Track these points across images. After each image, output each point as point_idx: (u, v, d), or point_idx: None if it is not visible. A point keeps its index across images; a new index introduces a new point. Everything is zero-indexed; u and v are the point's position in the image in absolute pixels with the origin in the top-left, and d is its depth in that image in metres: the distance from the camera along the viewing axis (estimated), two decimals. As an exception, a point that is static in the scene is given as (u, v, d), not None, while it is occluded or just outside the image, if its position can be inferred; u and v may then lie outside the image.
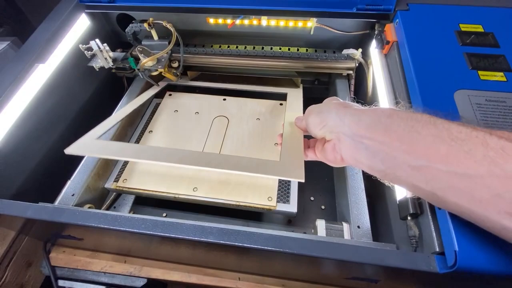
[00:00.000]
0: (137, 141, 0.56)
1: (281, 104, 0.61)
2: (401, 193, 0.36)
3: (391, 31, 0.47)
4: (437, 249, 0.29)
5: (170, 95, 0.64)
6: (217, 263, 0.50)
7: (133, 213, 0.55)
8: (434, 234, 0.30)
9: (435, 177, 0.23)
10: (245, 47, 0.62)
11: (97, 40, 0.55)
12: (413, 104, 0.38)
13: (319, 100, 0.37)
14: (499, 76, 0.38)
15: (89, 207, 0.45)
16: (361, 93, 0.61)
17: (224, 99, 0.62)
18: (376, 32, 0.50)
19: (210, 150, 0.53)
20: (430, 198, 0.27)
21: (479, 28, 0.44)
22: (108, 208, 0.55)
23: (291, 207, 0.46)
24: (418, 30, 0.44)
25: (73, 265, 0.52)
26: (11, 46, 0.61)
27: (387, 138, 0.26)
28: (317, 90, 0.69)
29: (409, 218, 0.34)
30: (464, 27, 0.44)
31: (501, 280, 0.29)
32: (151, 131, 0.57)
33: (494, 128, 0.23)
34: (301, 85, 0.62)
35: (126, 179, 0.50)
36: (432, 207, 0.31)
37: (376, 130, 0.27)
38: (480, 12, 0.46)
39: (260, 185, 0.48)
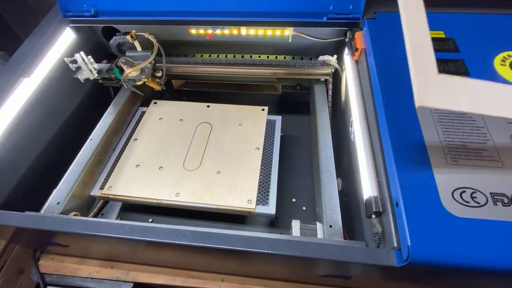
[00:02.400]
0: (122, 150, 0.57)
1: (262, 109, 0.63)
2: (367, 192, 0.38)
3: (360, 38, 0.50)
4: (395, 245, 0.31)
5: (155, 103, 0.66)
6: (201, 265, 0.52)
7: (120, 219, 0.57)
8: (393, 231, 0.32)
9: None
10: (226, 55, 0.64)
11: (82, 53, 0.57)
12: (377, 110, 0.40)
13: (302, 105, 0.39)
14: (457, 80, 0.40)
15: (74, 215, 0.47)
16: (338, 97, 0.64)
17: (208, 106, 0.64)
18: (347, 39, 0.53)
19: (193, 156, 0.55)
20: None
21: (441, 34, 0.46)
22: (95, 216, 0.57)
23: (270, 209, 0.47)
24: (383, 37, 0.46)
25: (61, 272, 0.54)
26: (-1, 61, 0.63)
27: None
28: (299, 95, 0.72)
29: (373, 216, 0.36)
30: (432, 34, 0.46)
31: (454, 273, 0.31)
32: (136, 139, 0.59)
33: None
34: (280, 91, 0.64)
35: (111, 187, 0.51)
36: (391, 205, 0.33)
37: None
38: (443, 18, 0.48)
39: (241, 188, 0.49)
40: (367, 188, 0.38)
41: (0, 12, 0.70)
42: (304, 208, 0.57)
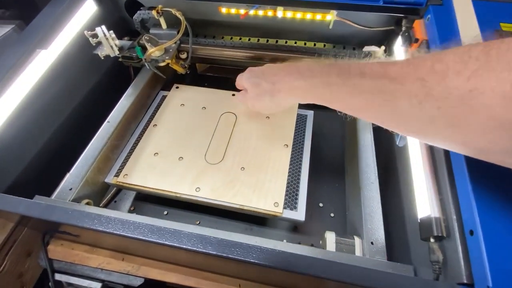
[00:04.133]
0: (141, 135, 0.53)
1: None
2: (423, 210, 0.32)
3: (420, 27, 0.43)
4: (465, 280, 0.26)
5: (177, 87, 0.61)
6: (217, 267, 0.48)
7: (134, 209, 0.54)
8: (462, 262, 0.27)
9: None
10: (258, 39, 0.58)
11: (103, 27, 0.52)
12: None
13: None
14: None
15: (86, 203, 0.43)
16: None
17: (233, 95, 0.59)
18: (403, 28, 0.46)
19: (215, 148, 0.50)
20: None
21: (523, 28, 0.39)
22: (108, 203, 0.54)
23: (299, 214, 0.42)
24: (452, 28, 0.39)
25: (70, 259, 0.51)
26: (15, 30, 0.59)
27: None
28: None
29: (432, 240, 0.31)
30: (506, 27, 0.39)
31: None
32: (156, 125, 0.54)
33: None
34: None
35: (127, 175, 0.47)
36: (462, 230, 0.28)
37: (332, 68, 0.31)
38: (524, 9, 0.41)
39: (267, 189, 0.44)
40: (425, 206, 0.32)
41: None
42: (332, 215, 0.52)
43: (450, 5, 0.41)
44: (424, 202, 0.32)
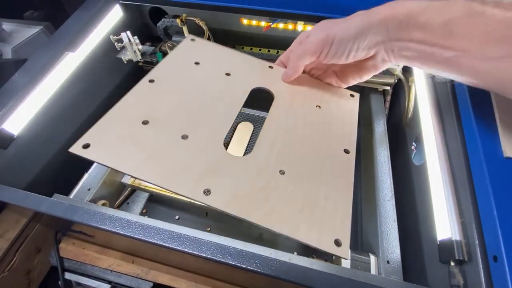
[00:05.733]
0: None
1: (352, 95, 0.43)
2: (443, 232, 0.32)
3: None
4: (487, 307, 0.25)
5: (192, 40, 0.45)
6: (228, 276, 0.48)
7: (146, 211, 0.54)
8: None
9: (470, 65, 0.26)
10: (277, 51, 0.59)
11: (128, 33, 0.54)
12: (464, 128, 0.34)
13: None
14: None
15: (103, 204, 0.44)
16: (395, 111, 0.57)
17: (271, 67, 0.44)
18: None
19: (240, 133, 0.40)
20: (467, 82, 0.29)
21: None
22: (121, 204, 0.54)
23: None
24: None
25: (81, 259, 0.51)
26: (44, 31, 0.61)
27: (425, 36, 0.28)
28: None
29: (452, 263, 0.30)
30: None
31: None
32: (153, 80, 0.37)
33: None
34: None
35: (88, 144, 0.40)
36: (485, 255, 0.27)
37: (415, 30, 0.28)
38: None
39: (321, 214, 0.29)
40: (445, 228, 0.32)
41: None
42: (344, 229, 0.51)
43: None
44: (444, 223, 0.32)
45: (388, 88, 0.55)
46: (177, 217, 0.53)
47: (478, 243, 0.28)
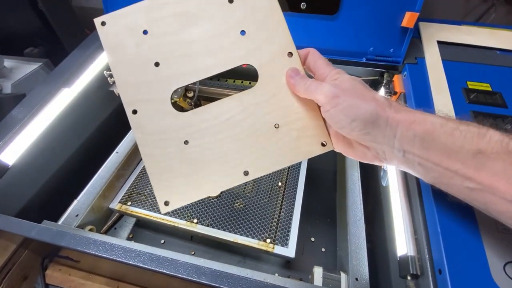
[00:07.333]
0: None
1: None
2: (402, 249, 0.35)
3: (399, 82, 0.49)
4: (436, 318, 0.28)
5: (103, 23, 0.31)
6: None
7: (132, 236, 0.56)
8: (433, 300, 0.29)
9: (494, 202, 0.23)
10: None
11: (121, 68, 0.59)
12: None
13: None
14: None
15: (90, 229, 0.46)
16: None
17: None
18: (384, 81, 0.52)
19: None
20: (480, 209, 0.26)
21: (487, 87, 0.44)
22: (109, 229, 0.56)
23: (289, 251, 0.44)
24: (425, 84, 0.45)
25: (66, 285, 0.52)
26: (43, 67, 0.66)
27: (446, 160, 0.24)
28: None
29: (409, 278, 0.33)
30: (472, 85, 0.45)
31: None
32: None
33: None
34: None
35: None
36: (433, 269, 0.30)
37: (433, 150, 0.25)
38: (489, 70, 0.47)
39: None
40: (403, 245, 0.35)
41: (52, 24, 0.75)
42: (323, 249, 0.54)
43: (423, 64, 0.48)
44: (403, 240, 0.35)
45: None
46: (162, 241, 0.55)
47: (428, 258, 0.31)
